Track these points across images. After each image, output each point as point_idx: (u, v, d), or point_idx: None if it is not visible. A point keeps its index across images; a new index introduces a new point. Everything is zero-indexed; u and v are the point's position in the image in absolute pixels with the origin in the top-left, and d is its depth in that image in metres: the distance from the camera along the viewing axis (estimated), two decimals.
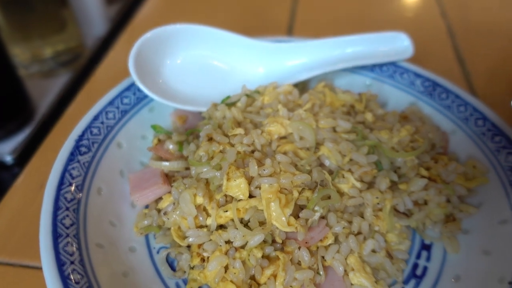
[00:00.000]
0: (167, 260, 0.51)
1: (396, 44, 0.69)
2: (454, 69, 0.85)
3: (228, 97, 0.60)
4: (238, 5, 1.06)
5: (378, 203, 0.52)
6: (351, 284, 0.49)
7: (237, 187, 0.49)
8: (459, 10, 1.05)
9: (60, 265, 0.42)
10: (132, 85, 0.62)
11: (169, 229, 0.52)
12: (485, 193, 0.55)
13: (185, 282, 0.50)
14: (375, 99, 0.64)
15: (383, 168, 0.55)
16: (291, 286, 0.48)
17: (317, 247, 0.50)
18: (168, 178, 0.56)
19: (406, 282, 0.50)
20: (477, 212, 0.54)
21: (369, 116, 0.60)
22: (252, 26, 0.97)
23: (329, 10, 1.06)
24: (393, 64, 0.69)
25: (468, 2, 1.08)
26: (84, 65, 0.97)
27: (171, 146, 0.57)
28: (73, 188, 0.50)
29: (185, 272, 0.50)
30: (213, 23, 0.69)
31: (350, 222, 0.51)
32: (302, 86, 0.68)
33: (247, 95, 0.60)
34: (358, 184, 0.52)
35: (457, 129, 0.61)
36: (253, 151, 0.53)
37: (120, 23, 1.09)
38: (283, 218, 0.47)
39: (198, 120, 0.64)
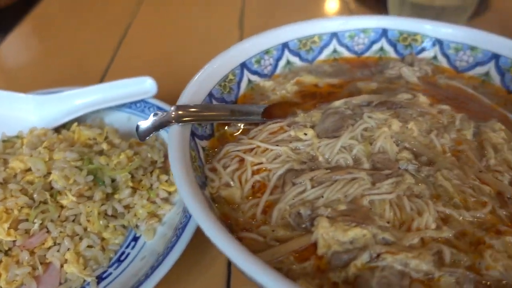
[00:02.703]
0: None
1: (144, 86, 0.89)
2: None
3: None
4: (60, 57, 1.25)
5: (91, 211, 0.70)
6: (66, 273, 0.66)
7: None
8: None
9: None
10: None
11: None
12: None
13: None
14: (114, 132, 0.83)
15: (104, 184, 0.73)
16: (15, 280, 0.65)
17: (41, 249, 0.67)
18: None
19: (111, 266, 0.68)
20: (172, 208, 0.73)
21: (104, 146, 0.79)
22: (67, 77, 1.15)
23: (145, 53, 1.26)
24: (143, 101, 0.88)
25: None
26: None
27: None
28: None
29: None
30: (38, 72, 0.83)
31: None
32: (70, 126, 0.86)
33: (4, 140, 0.78)
34: (75, 199, 0.70)
35: None
36: None
37: None
38: (3, 231, 0.65)
39: None
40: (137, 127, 0.62)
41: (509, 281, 0.49)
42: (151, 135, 0.61)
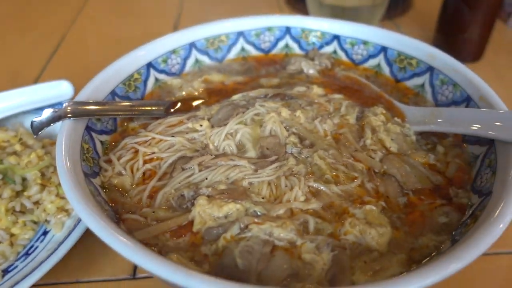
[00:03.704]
0: None
1: (60, 89, 0.92)
2: None
3: None
4: None
5: None
6: None
7: None
8: None
9: None
10: None
11: None
12: None
13: None
14: (29, 134, 0.86)
15: (15, 182, 0.76)
16: None
17: None
18: None
19: (18, 259, 0.71)
20: None
21: (17, 147, 0.82)
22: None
23: (79, 61, 1.29)
24: (61, 104, 0.91)
25: None
26: None
27: None
28: None
29: None
30: None
31: None
32: None
33: None
34: None
35: None
36: None
37: None
38: None
39: None
40: (32, 122, 0.65)
41: (361, 243, 0.55)
42: (44, 129, 0.65)
